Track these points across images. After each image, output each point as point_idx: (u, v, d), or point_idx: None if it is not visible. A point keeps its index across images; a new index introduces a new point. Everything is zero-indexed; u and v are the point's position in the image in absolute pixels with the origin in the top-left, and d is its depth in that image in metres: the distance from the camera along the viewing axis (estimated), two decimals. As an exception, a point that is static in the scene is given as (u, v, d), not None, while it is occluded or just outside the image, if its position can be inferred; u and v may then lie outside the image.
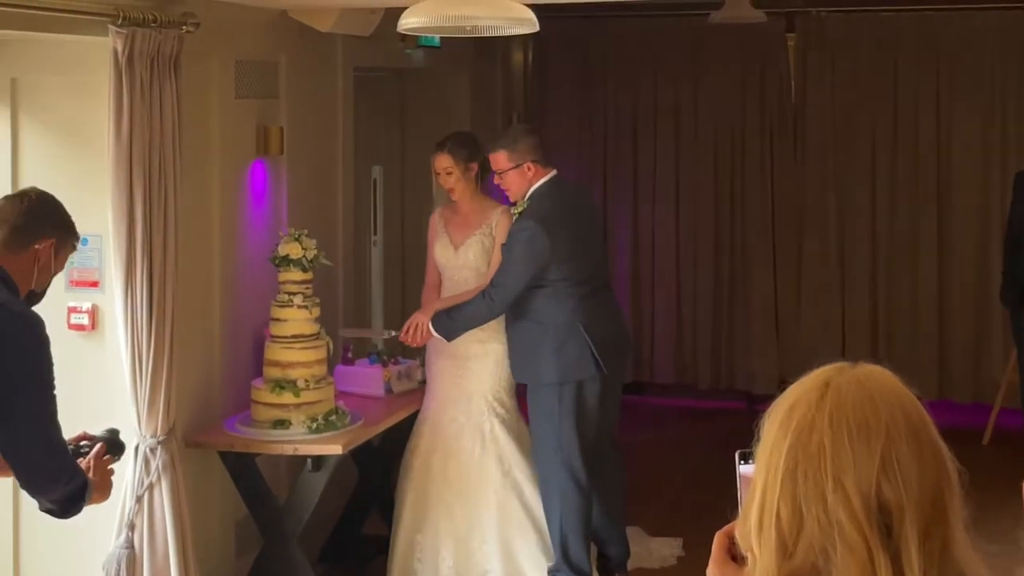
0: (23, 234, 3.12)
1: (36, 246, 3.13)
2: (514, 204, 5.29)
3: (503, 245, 5.19)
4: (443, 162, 5.32)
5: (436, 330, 5.15)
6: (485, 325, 5.20)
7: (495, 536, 5.13)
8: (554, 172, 5.28)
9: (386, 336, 5.52)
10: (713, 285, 8.55)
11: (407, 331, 5.21)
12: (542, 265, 5.08)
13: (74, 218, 3.37)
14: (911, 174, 8.17)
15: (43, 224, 3.17)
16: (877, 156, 8.22)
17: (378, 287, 7.69)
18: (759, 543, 1.44)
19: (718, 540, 1.68)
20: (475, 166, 5.34)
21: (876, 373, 1.47)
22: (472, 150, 5.35)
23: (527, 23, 3.38)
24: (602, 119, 8.70)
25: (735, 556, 1.67)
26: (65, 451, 3.09)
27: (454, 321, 5.15)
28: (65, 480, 3.02)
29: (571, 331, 5.12)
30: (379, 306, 7.68)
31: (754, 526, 1.45)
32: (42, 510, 3.11)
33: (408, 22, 3.38)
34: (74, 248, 3.30)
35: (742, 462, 1.68)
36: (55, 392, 3.02)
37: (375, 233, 7.77)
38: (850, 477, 1.38)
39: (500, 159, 5.21)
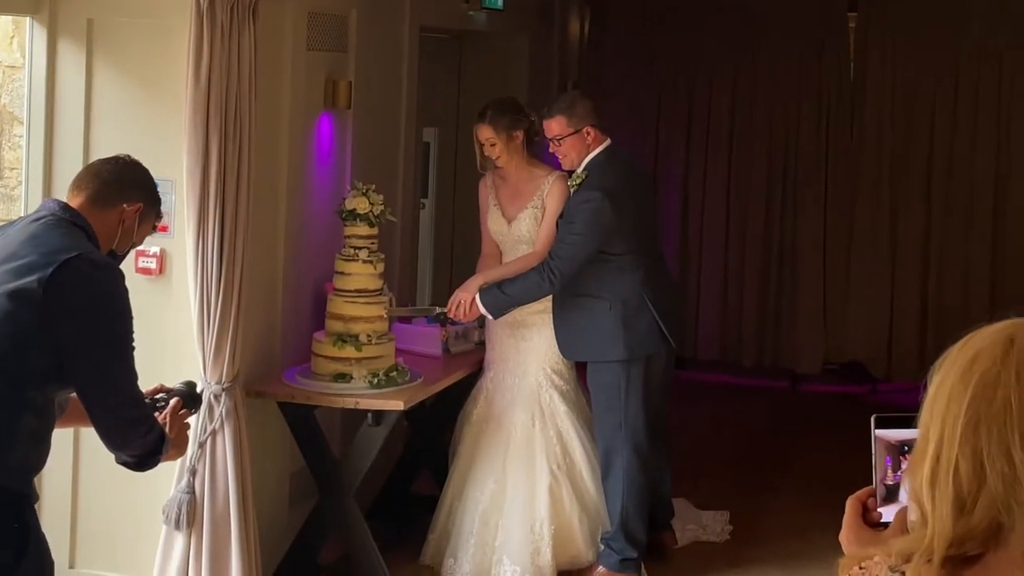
0: (114, 192, 3.10)
1: (124, 206, 3.11)
2: (569, 172, 5.20)
3: (562, 217, 5.04)
4: (484, 133, 5.13)
5: (484, 305, 5.01)
6: None
7: (546, 510, 5.02)
8: (609, 141, 5.18)
9: (435, 312, 5.40)
10: (761, 262, 8.50)
11: (451, 308, 5.09)
12: (607, 238, 4.97)
13: (146, 161, 3.35)
14: (969, 158, 8.10)
15: (134, 187, 3.16)
16: (935, 139, 8.15)
17: (427, 249, 7.71)
18: (932, 498, 1.41)
19: (851, 505, 1.65)
20: (519, 134, 5.13)
21: None
22: (514, 118, 5.14)
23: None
24: (656, 90, 8.65)
25: (868, 521, 1.65)
26: (143, 403, 3.07)
27: (507, 297, 4.98)
28: (143, 432, 3.01)
29: (639, 306, 5.03)
30: (428, 268, 7.70)
31: (926, 481, 1.41)
32: (119, 463, 3.09)
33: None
34: (155, 226, 3.27)
35: (878, 426, 1.65)
36: (134, 344, 3.02)
37: (425, 196, 7.78)
38: None
39: (557, 125, 5.08)
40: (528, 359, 5.19)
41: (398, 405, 4.69)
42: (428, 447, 5.77)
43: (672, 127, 8.64)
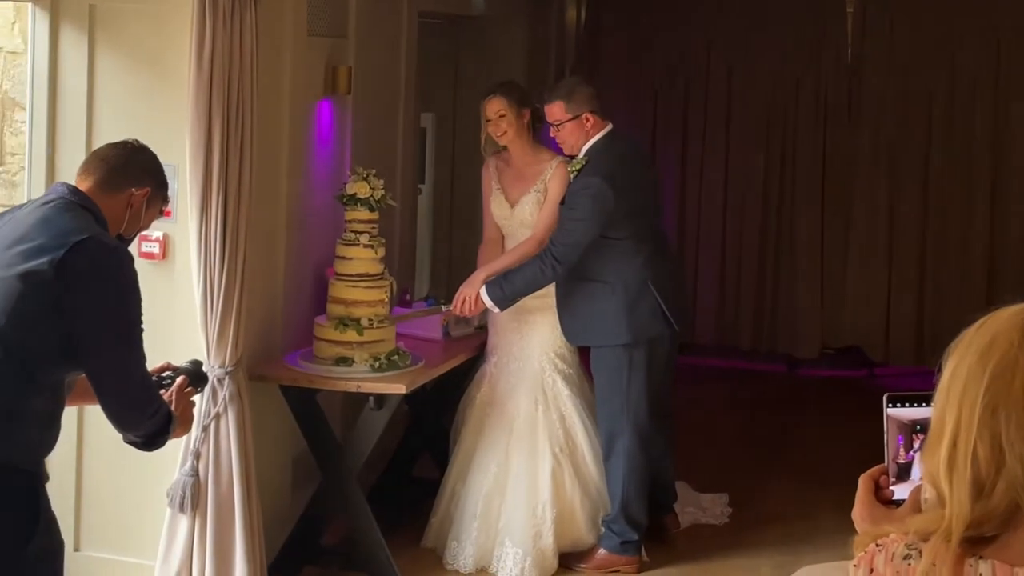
0: (122, 176, 3.13)
1: (133, 190, 3.13)
2: (570, 157, 5.21)
3: (563, 204, 5.05)
4: (495, 105, 5.15)
5: (490, 299, 5.02)
6: None
7: (548, 494, 5.05)
8: (610, 126, 5.19)
9: (442, 311, 5.41)
10: (759, 246, 8.53)
11: (456, 305, 5.11)
12: (607, 224, 4.97)
13: (149, 146, 3.35)
14: (967, 141, 8.11)
15: (142, 171, 3.18)
16: (933, 121, 8.17)
17: (425, 234, 7.72)
18: (950, 481, 1.41)
19: (864, 483, 1.66)
20: (527, 112, 5.18)
21: None
22: (524, 96, 5.22)
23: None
24: (653, 75, 8.66)
25: (880, 499, 1.66)
26: (150, 384, 3.10)
27: (511, 288, 4.99)
28: (150, 413, 3.03)
29: (641, 289, 5.05)
30: (426, 253, 7.72)
31: (944, 463, 1.42)
32: (127, 442, 3.11)
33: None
34: (162, 210, 3.30)
35: (891, 405, 1.66)
36: (142, 326, 3.04)
37: (422, 181, 7.80)
38: None
39: (557, 110, 5.09)
40: (531, 344, 5.21)
41: (400, 388, 4.70)
42: (428, 431, 5.79)
43: (669, 112, 8.65)
